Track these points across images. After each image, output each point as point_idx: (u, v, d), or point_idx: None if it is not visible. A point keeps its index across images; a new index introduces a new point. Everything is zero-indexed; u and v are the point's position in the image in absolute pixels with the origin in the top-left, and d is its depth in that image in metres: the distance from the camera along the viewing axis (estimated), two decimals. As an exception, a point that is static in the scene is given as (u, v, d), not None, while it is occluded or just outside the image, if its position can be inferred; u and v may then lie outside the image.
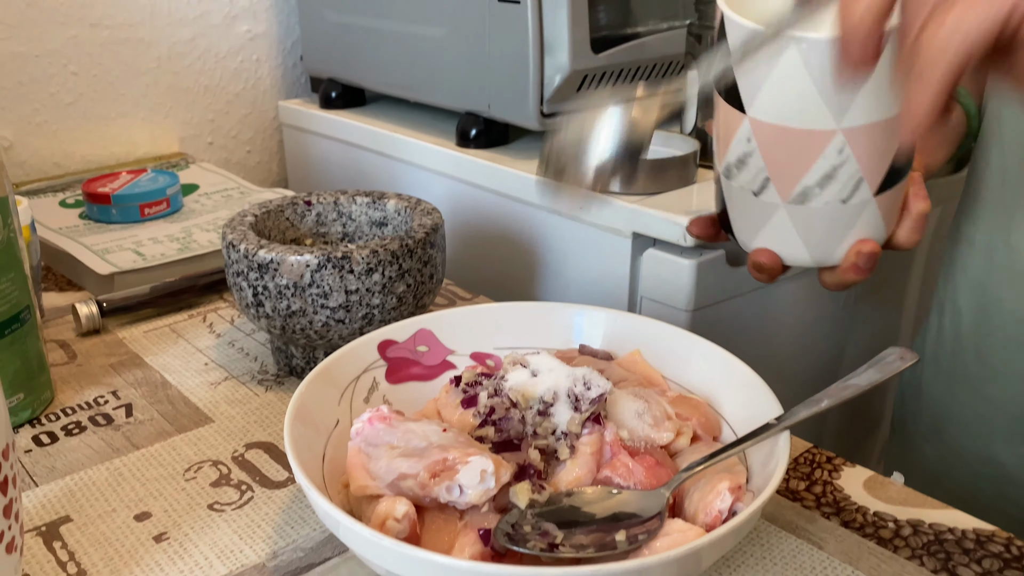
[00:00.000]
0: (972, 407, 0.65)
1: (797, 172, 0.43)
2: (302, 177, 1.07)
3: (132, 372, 0.60)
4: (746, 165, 0.44)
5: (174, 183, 0.83)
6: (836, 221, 0.44)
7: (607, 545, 0.37)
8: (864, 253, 0.45)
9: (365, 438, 0.41)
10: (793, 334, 0.86)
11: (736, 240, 0.49)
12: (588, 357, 0.50)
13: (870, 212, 0.44)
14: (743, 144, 0.43)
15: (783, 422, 0.41)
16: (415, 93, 0.90)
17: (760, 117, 0.42)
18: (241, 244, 0.54)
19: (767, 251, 0.46)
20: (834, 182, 0.43)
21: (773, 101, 0.41)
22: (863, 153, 0.42)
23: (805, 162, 0.42)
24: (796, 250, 0.46)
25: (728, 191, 0.47)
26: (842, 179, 0.43)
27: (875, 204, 0.44)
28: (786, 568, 0.42)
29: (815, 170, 0.42)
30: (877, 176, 0.43)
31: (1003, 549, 0.43)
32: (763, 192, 0.44)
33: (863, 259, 0.45)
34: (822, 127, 0.41)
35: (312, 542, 0.44)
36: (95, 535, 0.44)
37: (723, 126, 0.45)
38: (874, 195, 0.44)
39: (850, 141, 0.41)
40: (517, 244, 0.81)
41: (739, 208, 0.47)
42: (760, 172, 0.44)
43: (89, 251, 0.73)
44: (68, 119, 0.95)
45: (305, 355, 0.58)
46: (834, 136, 0.41)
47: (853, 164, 0.42)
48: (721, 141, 0.46)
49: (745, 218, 0.47)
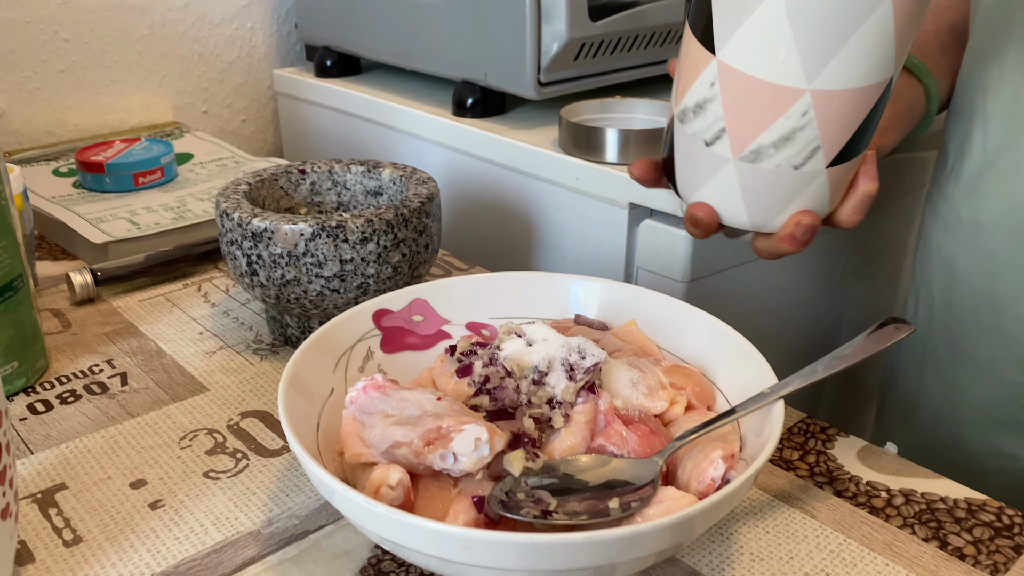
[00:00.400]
0: (941, 393, 0.65)
1: (755, 128, 0.41)
2: (297, 146, 1.06)
3: (127, 341, 0.59)
4: (704, 111, 0.42)
5: (168, 152, 0.82)
6: (783, 187, 0.43)
7: (600, 512, 0.37)
8: (804, 224, 0.43)
9: (359, 406, 0.41)
10: (789, 306, 0.86)
11: (676, 190, 0.47)
12: (583, 327, 0.50)
13: (819, 183, 0.43)
14: (705, 88, 0.42)
15: (777, 391, 0.41)
16: (411, 61, 0.89)
17: (729, 61, 0.40)
18: (235, 213, 0.53)
19: (707, 206, 0.45)
20: (790, 145, 0.41)
21: (746, 46, 0.40)
22: (826, 120, 0.40)
23: (766, 119, 0.41)
24: (736, 210, 0.44)
25: (679, 136, 0.45)
26: (799, 143, 0.41)
27: (825, 176, 0.43)
28: (779, 536, 0.42)
29: (774, 129, 0.41)
30: (835, 147, 0.42)
31: (994, 518, 0.44)
32: (715, 143, 0.42)
33: (801, 230, 0.43)
34: (791, 84, 0.39)
35: (307, 509, 0.44)
36: (91, 502, 0.44)
37: (688, 65, 0.43)
38: (827, 166, 0.42)
39: (816, 104, 0.40)
40: (513, 214, 0.81)
41: (687, 156, 0.45)
42: (717, 121, 0.42)
43: (83, 220, 0.73)
44: (60, 87, 0.94)
45: (300, 325, 0.57)
46: (801, 96, 0.40)
47: (813, 129, 0.41)
48: (683, 81, 0.44)
49: (691, 168, 0.45)
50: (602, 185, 0.71)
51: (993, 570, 0.40)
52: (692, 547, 0.42)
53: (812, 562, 0.41)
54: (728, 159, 0.42)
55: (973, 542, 0.42)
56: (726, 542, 0.42)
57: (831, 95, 0.40)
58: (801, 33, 0.38)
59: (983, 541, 0.42)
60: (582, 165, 0.72)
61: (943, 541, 0.42)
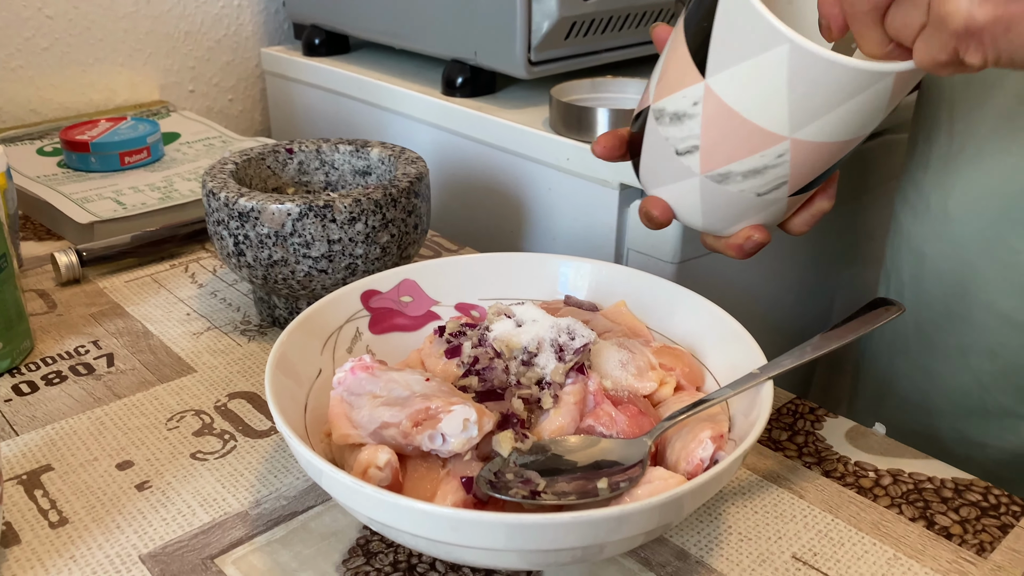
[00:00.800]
0: (912, 380, 0.65)
1: (729, 156, 0.41)
2: (286, 126, 1.05)
3: (113, 322, 0.59)
4: (681, 123, 0.42)
5: (155, 131, 0.81)
6: (743, 206, 0.43)
7: (589, 492, 0.37)
8: (753, 240, 0.44)
9: (347, 387, 0.41)
10: (780, 289, 0.86)
11: (637, 175, 0.47)
12: (573, 308, 0.50)
13: (777, 207, 0.43)
14: (687, 104, 0.41)
15: (766, 372, 0.41)
16: (400, 40, 0.88)
17: (717, 90, 0.40)
18: (221, 192, 0.53)
19: (663, 204, 0.45)
20: (759, 177, 0.41)
21: (738, 85, 0.39)
22: (800, 163, 0.40)
23: (741, 152, 0.40)
24: (692, 215, 0.45)
25: (651, 131, 0.44)
26: (768, 177, 0.41)
27: (785, 203, 0.43)
28: (767, 516, 0.42)
29: (747, 162, 0.41)
30: (800, 182, 0.42)
31: (981, 498, 0.44)
32: (686, 156, 0.42)
33: (750, 244, 0.44)
34: (774, 130, 0.39)
35: (295, 490, 0.44)
36: (77, 483, 0.44)
37: (675, 69, 0.42)
38: (788, 196, 0.43)
39: (793, 151, 0.40)
40: (503, 195, 0.80)
41: (654, 153, 0.44)
42: (692, 138, 0.42)
43: (68, 200, 0.72)
44: (44, 64, 0.93)
45: (288, 305, 0.57)
46: (781, 142, 0.39)
47: (785, 169, 0.41)
48: (665, 81, 0.43)
49: (656, 165, 0.45)
50: (593, 165, 0.71)
51: (979, 549, 0.41)
52: (680, 527, 0.42)
53: (800, 542, 0.41)
54: (695, 174, 0.42)
55: (960, 521, 0.42)
56: (714, 522, 0.42)
57: (811, 146, 0.40)
58: (797, 92, 0.38)
59: (969, 521, 0.42)
60: (572, 145, 0.72)
61: (930, 521, 0.42)
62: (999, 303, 0.58)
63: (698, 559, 0.40)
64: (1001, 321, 0.58)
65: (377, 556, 0.40)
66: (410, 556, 0.40)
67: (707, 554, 0.40)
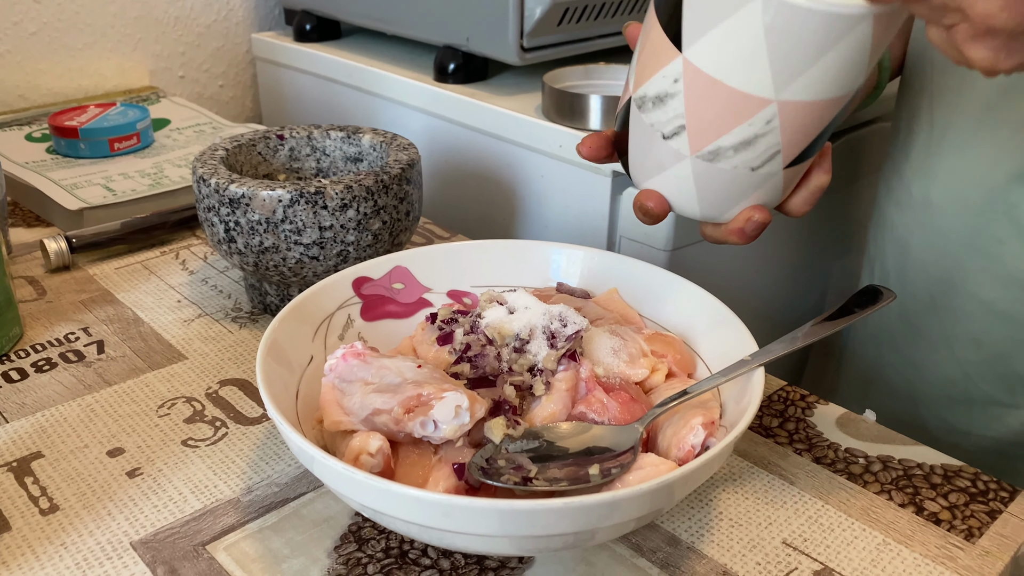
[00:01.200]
0: (897, 370, 0.65)
1: (717, 130, 0.40)
2: (277, 112, 1.05)
3: (103, 309, 0.59)
4: (664, 105, 0.41)
5: (144, 117, 0.81)
6: (738, 185, 0.42)
7: (580, 479, 0.37)
8: (755, 221, 0.43)
9: (339, 374, 0.41)
10: (772, 276, 0.86)
11: (628, 171, 0.46)
12: (565, 295, 0.50)
13: (774, 182, 0.42)
14: (668, 83, 0.40)
15: (757, 359, 0.41)
16: (392, 25, 0.88)
17: (696, 62, 0.39)
18: (212, 178, 0.52)
19: (658, 196, 0.44)
20: (750, 149, 0.40)
21: (716, 50, 0.38)
22: (790, 128, 0.39)
23: (728, 123, 0.39)
24: (688, 203, 0.44)
25: (635, 122, 0.43)
26: (759, 148, 0.40)
27: (781, 176, 0.42)
28: (757, 502, 0.43)
29: (735, 133, 0.40)
30: (794, 151, 0.41)
31: (970, 484, 0.44)
32: (673, 138, 0.41)
33: (752, 226, 0.43)
34: (759, 93, 0.38)
35: (287, 477, 0.44)
36: (67, 470, 0.44)
37: (651, 53, 0.41)
38: (784, 168, 0.42)
39: (782, 114, 0.39)
40: (496, 182, 0.80)
41: (642, 144, 0.44)
42: (677, 118, 0.41)
43: (57, 186, 0.71)
44: (32, 49, 0.92)
45: (279, 292, 0.57)
46: (768, 105, 0.38)
47: (776, 136, 0.40)
48: (643, 67, 0.42)
49: (645, 156, 0.44)
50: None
51: (968, 535, 0.41)
52: (672, 513, 0.42)
53: (790, 527, 0.41)
54: (685, 156, 0.41)
55: (948, 507, 0.43)
56: (705, 508, 0.42)
57: (798, 106, 0.39)
58: (776, 47, 0.37)
59: (958, 506, 0.43)
60: (565, 132, 0.72)
61: (919, 506, 0.43)
62: (983, 292, 0.58)
63: (689, 545, 0.40)
64: (985, 310, 0.58)
65: (369, 542, 0.40)
66: (402, 542, 0.40)
67: (698, 540, 0.40)
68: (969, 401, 0.61)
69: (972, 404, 0.61)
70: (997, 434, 0.61)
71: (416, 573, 0.38)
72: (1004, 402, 0.60)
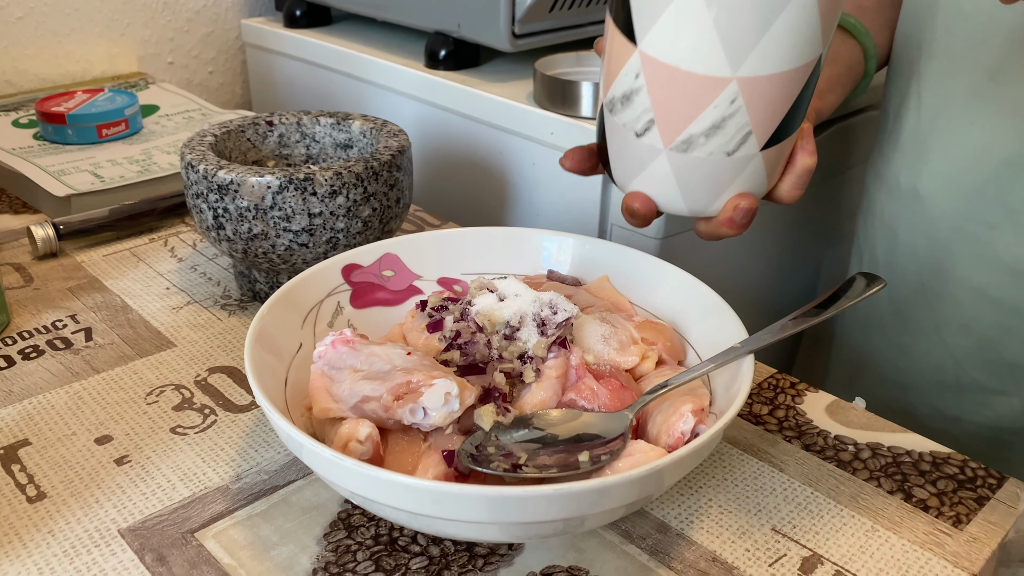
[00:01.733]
0: (888, 357, 0.66)
1: (684, 118, 0.40)
2: (266, 99, 1.04)
3: (91, 296, 0.58)
4: (631, 103, 0.41)
5: (133, 103, 0.80)
6: (718, 173, 0.42)
7: (570, 465, 0.37)
8: (742, 208, 0.43)
9: (328, 361, 0.41)
10: (763, 263, 0.86)
11: (612, 179, 0.46)
12: (556, 283, 0.50)
13: (754, 166, 0.42)
14: (630, 79, 0.40)
15: (747, 346, 0.41)
16: (383, 11, 0.87)
17: (651, 53, 0.39)
18: (200, 164, 0.52)
19: (643, 196, 0.44)
20: (721, 133, 0.40)
21: (667, 37, 0.38)
22: (755, 105, 0.39)
23: (694, 109, 0.40)
24: (673, 199, 0.44)
25: (610, 126, 0.44)
26: (730, 131, 0.40)
27: (760, 159, 0.42)
28: (747, 489, 0.43)
29: (703, 118, 0.40)
30: (767, 130, 0.41)
31: (958, 471, 0.44)
32: (646, 134, 0.41)
33: (740, 214, 0.43)
34: (716, 73, 0.38)
35: (276, 465, 0.44)
36: (55, 458, 0.44)
37: (612, 54, 0.42)
38: (760, 149, 0.41)
39: (744, 91, 0.39)
40: (487, 169, 0.80)
41: (619, 146, 0.44)
42: (645, 113, 0.41)
43: (44, 172, 0.71)
44: (19, 34, 0.91)
45: (268, 280, 0.56)
46: (728, 84, 0.38)
47: (743, 116, 0.40)
48: (608, 70, 0.42)
49: (624, 158, 0.44)
50: (577, 140, 0.70)
51: (956, 521, 0.41)
52: (661, 500, 0.42)
53: (780, 514, 0.41)
54: (660, 150, 0.42)
55: (937, 494, 0.43)
56: (695, 495, 0.42)
57: (758, 81, 0.39)
58: (722, 22, 0.37)
59: (946, 493, 0.43)
60: (557, 119, 0.71)
61: (908, 493, 0.43)
62: (972, 279, 0.58)
63: (678, 531, 0.40)
64: (974, 296, 0.58)
65: (358, 530, 0.40)
66: (391, 530, 0.40)
67: (687, 526, 0.40)
68: (959, 388, 0.61)
69: (961, 391, 0.61)
70: (987, 421, 0.61)
71: (406, 560, 0.38)
72: (993, 388, 0.60)
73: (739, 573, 0.38)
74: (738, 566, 0.38)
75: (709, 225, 0.45)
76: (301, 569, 0.38)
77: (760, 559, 0.39)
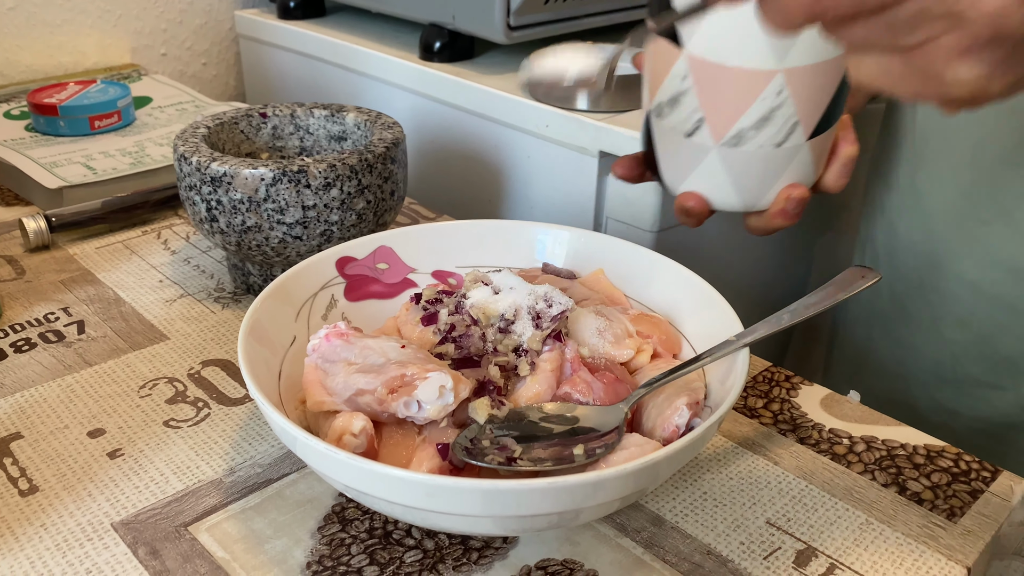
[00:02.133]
0: (888, 351, 0.66)
1: (733, 113, 0.41)
2: (260, 91, 1.03)
3: (84, 289, 0.58)
4: (679, 104, 0.42)
5: (125, 95, 0.80)
6: (768, 165, 0.43)
7: (565, 459, 0.37)
8: (794, 198, 0.44)
9: (322, 354, 0.41)
10: (758, 257, 0.86)
11: (663, 183, 0.47)
12: (551, 276, 0.50)
13: (802, 156, 0.43)
14: (678, 82, 0.42)
15: (742, 339, 0.41)
16: (377, 3, 0.87)
17: (698, 54, 0.41)
18: (193, 156, 0.52)
19: (695, 195, 0.45)
20: (770, 125, 0.42)
21: (713, 37, 0.40)
22: (801, 95, 0.41)
23: (742, 103, 0.41)
24: (726, 194, 0.45)
25: (658, 131, 0.45)
26: (778, 122, 0.42)
27: (808, 148, 0.43)
28: (742, 483, 0.43)
29: (752, 112, 0.41)
30: (812, 120, 0.42)
31: (952, 464, 0.44)
32: (695, 133, 0.43)
33: (792, 204, 0.44)
34: (763, 67, 0.40)
35: (270, 458, 0.43)
36: (47, 451, 0.43)
37: (656, 62, 0.43)
38: (807, 139, 0.43)
39: (789, 82, 0.40)
40: (482, 162, 0.79)
41: (668, 150, 0.45)
42: (694, 112, 0.42)
43: (36, 164, 0.70)
44: (10, 25, 0.90)
45: (262, 272, 0.56)
46: (774, 76, 0.40)
47: (790, 107, 0.41)
48: (653, 78, 0.44)
49: (674, 160, 0.45)
50: (572, 133, 0.70)
51: (949, 514, 0.41)
52: (656, 493, 0.42)
53: (774, 507, 0.41)
54: (710, 147, 0.43)
55: (931, 487, 0.43)
56: (690, 488, 0.42)
57: (803, 71, 0.40)
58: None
59: (941, 486, 0.43)
60: (552, 112, 0.71)
61: (902, 486, 0.43)
62: (969, 274, 0.58)
63: (673, 524, 0.40)
64: (970, 292, 0.58)
65: (353, 523, 0.40)
66: (386, 523, 0.40)
67: (682, 520, 0.40)
68: (957, 382, 0.61)
69: (960, 385, 0.61)
70: (985, 415, 0.61)
71: (400, 553, 0.38)
72: (991, 383, 0.60)
73: (734, 566, 0.38)
74: (733, 559, 0.38)
75: (761, 219, 0.45)
76: (295, 562, 0.38)
77: (755, 552, 0.39)
